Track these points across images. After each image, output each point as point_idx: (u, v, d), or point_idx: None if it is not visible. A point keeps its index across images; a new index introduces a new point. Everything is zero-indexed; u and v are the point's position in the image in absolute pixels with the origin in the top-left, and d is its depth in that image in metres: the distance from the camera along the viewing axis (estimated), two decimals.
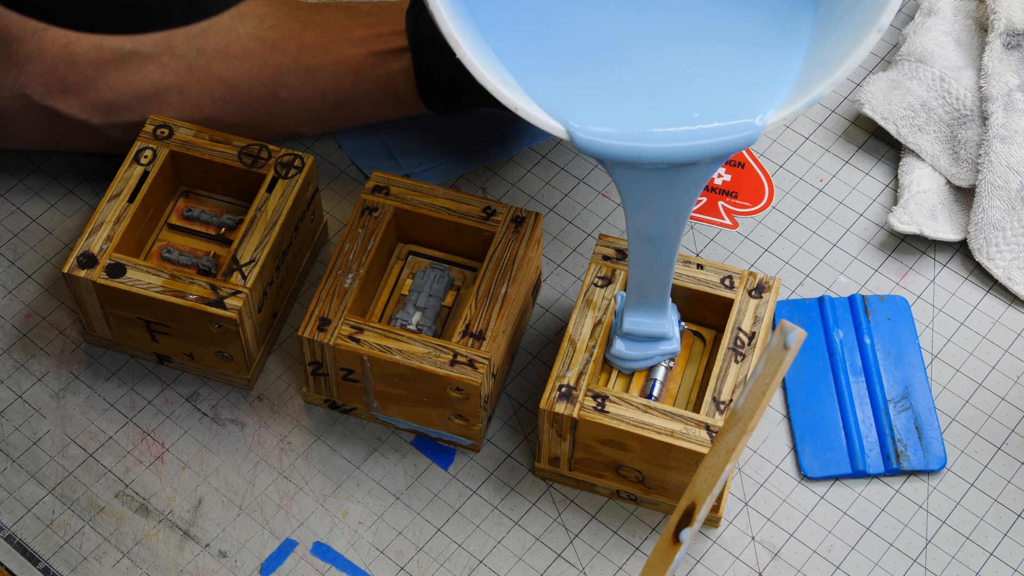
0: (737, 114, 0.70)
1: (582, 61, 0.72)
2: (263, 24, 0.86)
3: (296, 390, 0.84)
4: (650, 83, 0.71)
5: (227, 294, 0.79)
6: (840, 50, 0.69)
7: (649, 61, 0.72)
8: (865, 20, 0.68)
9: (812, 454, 0.81)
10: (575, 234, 0.91)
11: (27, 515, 0.79)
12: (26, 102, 0.85)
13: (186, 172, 0.86)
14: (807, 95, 0.69)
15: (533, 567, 0.78)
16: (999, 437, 0.82)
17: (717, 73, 0.71)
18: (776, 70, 0.71)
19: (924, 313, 0.87)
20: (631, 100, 0.71)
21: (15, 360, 0.85)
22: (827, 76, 0.68)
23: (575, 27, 0.73)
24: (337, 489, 0.80)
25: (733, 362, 0.77)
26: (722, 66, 0.72)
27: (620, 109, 0.70)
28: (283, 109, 0.87)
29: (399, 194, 0.83)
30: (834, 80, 0.68)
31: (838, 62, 0.68)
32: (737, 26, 0.73)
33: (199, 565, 0.78)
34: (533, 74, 0.71)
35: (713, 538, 0.79)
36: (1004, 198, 0.88)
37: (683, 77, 0.71)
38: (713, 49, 0.72)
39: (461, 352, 0.77)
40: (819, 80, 0.69)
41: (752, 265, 0.89)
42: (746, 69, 0.71)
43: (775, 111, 0.69)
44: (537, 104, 0.69)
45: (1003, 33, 0.93)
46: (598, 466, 0.78)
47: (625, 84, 0.71)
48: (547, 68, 0.71)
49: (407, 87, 0.86)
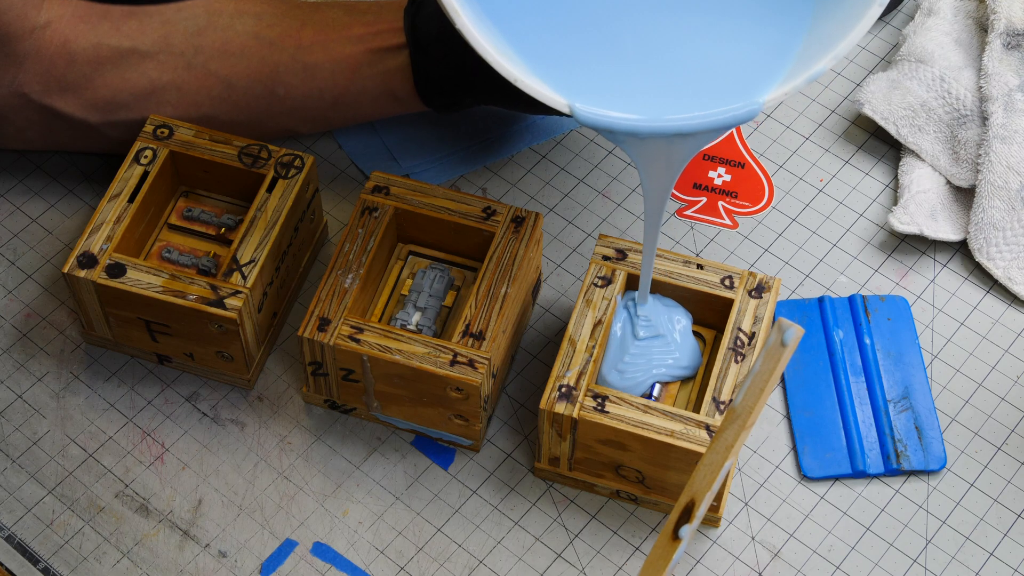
0: (738, 88, 0.70)
1: (583, 34, 0.72)
2: (261, 22, 0.86)
3: (296, 390, 0.84)
4: (651, 57, 0.71)
5: (227, 294, 0.79)
6: (842, 25, 0.69)
7: (650, 35, 0.72)
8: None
9: (812, 454, 0.81)
10: (575, 234, 0.91)
11: (27, 515, 0.79)
12: (24, 101, 0.85)
13: (186, 172, 0.86)
14: (808, 70, 0.68)
15: (533, 567, 0.78)
16: (999, 437, 0.82)
17: (718, 47, 0.71)
18: (777, 45, 0.71)
19: (924, 313, 0.87)
20: (632, 73, 0.71)
21: (15, 360, 0.85)
22: (828, 51, 0.68)
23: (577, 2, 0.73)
24: (337, 489, 0.80)
25: (733, 362, 0.77)
26: (723, 40, 0.72)
27: (621, 82, 0.70)
28: (281, 107, 0.87)
29: (399, 194, 0.83)
30: (835, 55, 0.68)
31: (839, 37, 0.68)
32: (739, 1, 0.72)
33: (199, 565, 0.78)
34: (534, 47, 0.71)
35: (713, 538, 0.79)
36: (1004, 198, 0.88)
37: (684, 51, 0.71)
38: (715, 23, 0.72)
39: (461, 352, 0.77)
40: (820, 55, 0.69)
41: (752, 265, 0.89)
42: (747, 44, 0.71)
43: (776, 86, 0.69)
44: (538, 78, 0.69)
45: (1003, 33, 0.93)
46: (598, 466, 0.78)
47: (626, 57, 0.71)
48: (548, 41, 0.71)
49: (405, 84, 0.86)
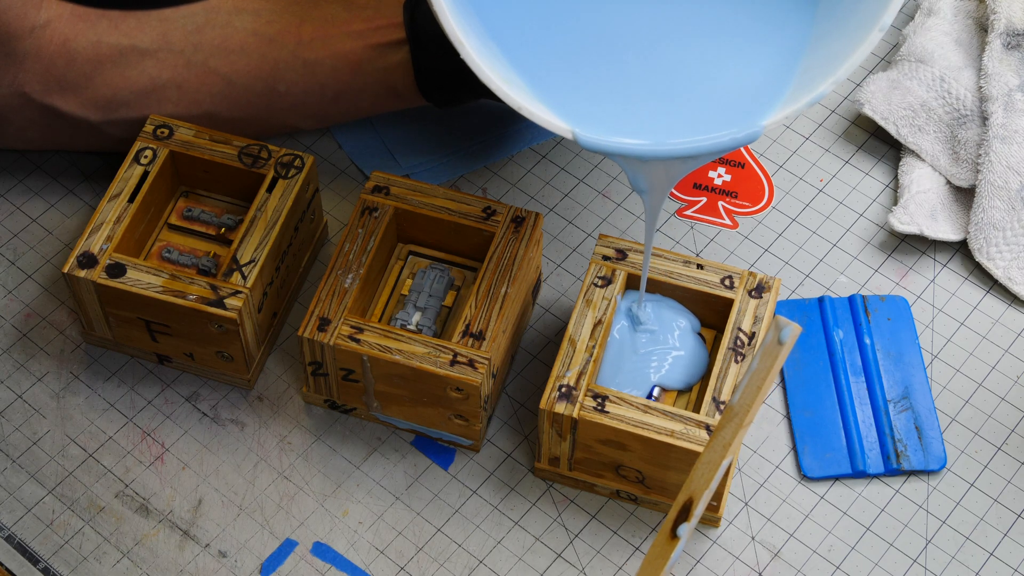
0: (739, 112, 0.70)
1: (584, 58, 0.72)
2: (260, 19, 0.86)
3: (296, 390, 0.84)
4: (652, 81, 0.72)
5: (227, 294, 0.79)
6: (842, 49, 0.69)
7: (651, 59, 0.72)
8: (867, 19, 0.68)
9: (812, 454, 0.81)
10: (575, 234, 0.90)
11: (27, 515, 0.79)
12: (24, 100, 0.85)
13: (186, 172, 0.86)
14: (808, 94, 0.69)
15: (533, 567, 0.78)
16: (999, 437, 0.82)
17: (719, 71, 0.72)
18: (777, 68, 0.71)
19: (924, 313, 0.87)
20: (634, 97, 0.71)
21: (15, 360, 0.85)
22: (829, 75, 0.68)
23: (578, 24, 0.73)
24: (337, 489, 0.80)
25: (733, 362, 0.77)
26: (724, 64, 0.72)
27: (623, 108, 0.71)
28: (282, 103, 0.87)
29: (399, 194, 0.83)
30: (836, 79, 0.68)
31: (840, 61, 0.68)
32: (738, 24, 0.73)
33: (199, 565, 0.78)
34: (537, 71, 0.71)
35: (713, 538, 0.79)
36: (1004, 198, 0.88)
37: (685, 75, 0.72)
38: (715, 47, 0.72)
39: (461, 352, 0.77)
40: (820, 79, 0.69)
41: (752, 265, 0.89)
42: (748, 67, 0.72)
43: (776, 110, 0.70)
44: (541, 102, 0.70)
45: (1003, 33, 0.93)
46: (598, 466, 0.78)
47: (628, 81, 0.72)
48: (551, 65, 0.72)
49: (406, 80, 0.86)
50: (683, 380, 0.79)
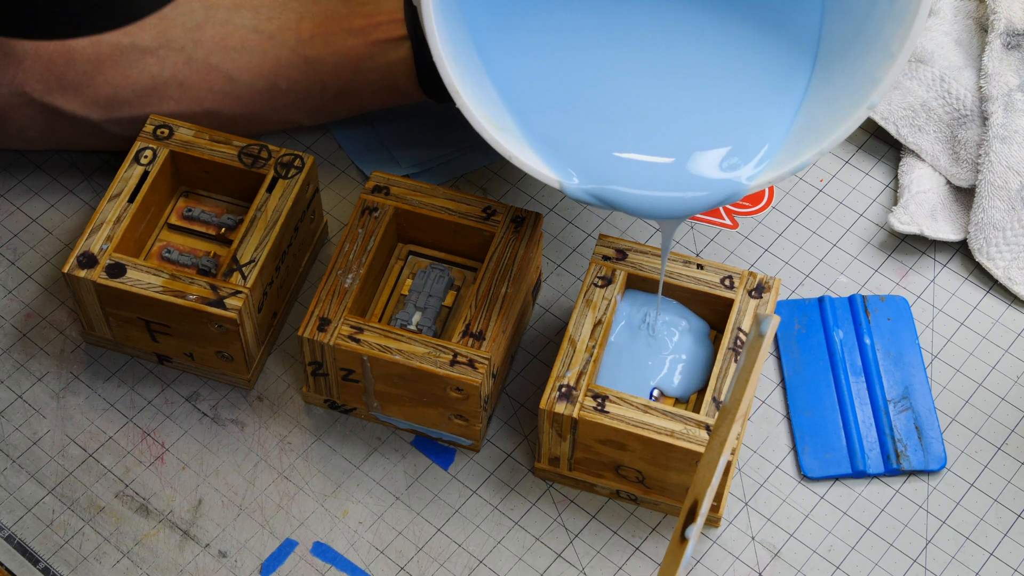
0: (725, 172, 0.73)
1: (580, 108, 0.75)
2: (259, 16, 0.86)
3: (296, 390, 0.84)
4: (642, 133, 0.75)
5: (227, 294, 0.79)
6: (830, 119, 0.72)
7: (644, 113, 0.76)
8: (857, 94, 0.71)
9: (812, 454, 0.81)
10: (575, 234, 0.91)
11: (27, 515, 0.79)
12: (25, 100, 0.85)
13: (186, 172, 0.86)
14: (794, 160, 0.72)
15: (533, 567, 0.78)
16: (999, 437, 0.82)
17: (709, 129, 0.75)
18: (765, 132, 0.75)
19: (924, 313, 0.87)
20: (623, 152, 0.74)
21: (15, 360, 0.85)
22: (815, 145, 0.72)
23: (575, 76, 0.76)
24: (337, 489, 0.80)
25: (733, 362, 0.77)
26: (714, 123, 0.76)
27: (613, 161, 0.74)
28: (284, 100, 0.87)
29: (399, 194, 0.83)
30: (821, 151, 0.71)
31: (827, 133, 0.72)
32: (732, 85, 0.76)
33: (199, 565, 0.78)
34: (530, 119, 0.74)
35: (713, 538, 0.79)
36: (1004, 198, 0.88)
37: (674, 130, 0.75)
38: (707, 106, 0.76)
39: (461, 352, 0.77)
40: (807, 147, 0.72)
41: (752, 265, 0.89)
42: (738, 128, 0.75)
43: (761, 173, 0.73)
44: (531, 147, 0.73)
45: (1003, 33, 0.93)
46: (598, 466, 0.78)
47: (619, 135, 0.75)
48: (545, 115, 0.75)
49: (408, 77, 0.86)
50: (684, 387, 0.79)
